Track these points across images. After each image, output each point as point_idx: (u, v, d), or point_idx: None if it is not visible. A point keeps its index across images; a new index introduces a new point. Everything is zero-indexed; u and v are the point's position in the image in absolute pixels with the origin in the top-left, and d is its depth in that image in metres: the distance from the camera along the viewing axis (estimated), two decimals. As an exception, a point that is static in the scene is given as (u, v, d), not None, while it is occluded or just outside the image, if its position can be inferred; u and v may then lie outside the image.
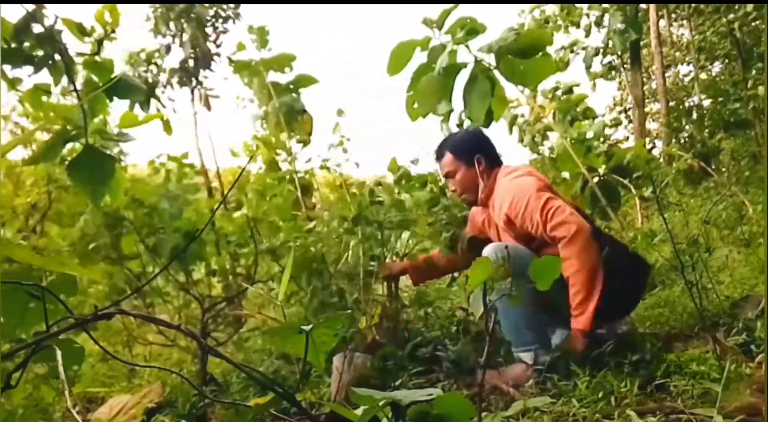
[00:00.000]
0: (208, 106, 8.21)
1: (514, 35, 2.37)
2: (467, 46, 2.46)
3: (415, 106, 2.59)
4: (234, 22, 8.29)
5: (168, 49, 7.94)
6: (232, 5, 8.22)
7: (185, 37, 7.78)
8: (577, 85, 5.50)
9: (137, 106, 1.95)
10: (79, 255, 2.81)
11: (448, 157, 2.38)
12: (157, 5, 7.79)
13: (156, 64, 7.79)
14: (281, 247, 2.64)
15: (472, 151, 2.34)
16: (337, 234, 2.59)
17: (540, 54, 2.41)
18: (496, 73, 2.47)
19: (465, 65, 2.50)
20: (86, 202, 2.85)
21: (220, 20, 8.18)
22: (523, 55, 2.41)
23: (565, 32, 10.50)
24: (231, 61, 5.33)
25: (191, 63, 8.00)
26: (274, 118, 4.61)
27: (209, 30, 8.10)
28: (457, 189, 2.40)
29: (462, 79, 2.53)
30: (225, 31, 8.34)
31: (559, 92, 5.42)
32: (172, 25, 7.83)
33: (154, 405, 2.21)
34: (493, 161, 2.36)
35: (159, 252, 2.68)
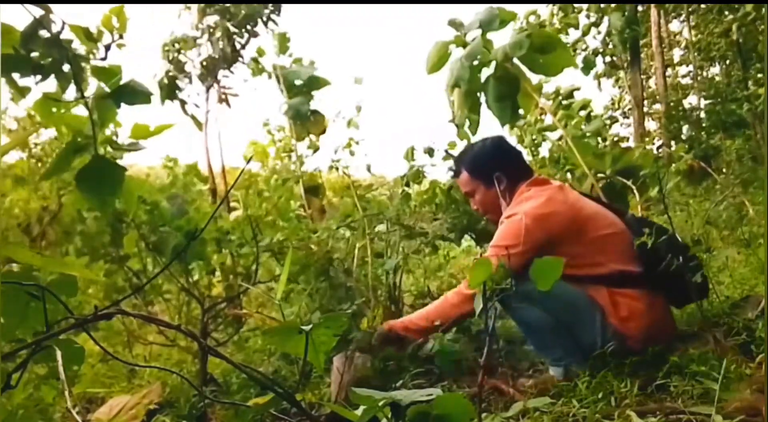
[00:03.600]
0: (227, 104, 8.12)
1: (526, 38, 2.37)
2: (487, 48, 2.46)
3: (451, 98, 2.61)
4: (266, 26, 8.18)
5: (194, 41, 7.86)
6: (267, 9, 8.14)
7: (217, 34, 7.71)
8: (578, 89, 5.49)
9: (157, 100, 1.94)
10: (81, 255, 2.82)
11: (465, 176, 2.17)
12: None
13: (187, 57, 7.71)
14: (281, 247, 2.64)
15: (491, 169, 2.10)
16: (343, 235, 2.60)
17: (557, 48, 2.41)
18: (518, 67, 2.48)
19: (490, 62, 2.49)
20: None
21: (258, 23, 8.09)
22: (540, 51, 2.41)
23: (564, 34, 10.50)
24: (256, 62, 5.35)
25: (215, 61, 7.93)
26: (289, 120, 4.64)
27: (240, 31, 8.03)
28: (479, 208, 2.21)
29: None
30: (256, 35, 8.25)
31: (560, 98, 5.42)
32: (205, 20, 7.76)
33: (154, 406, 2.20)
34: (516, 176, 2.09)
35: (160, 251, 2.68)
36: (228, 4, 7.64)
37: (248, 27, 8.00)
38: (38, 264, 0.93)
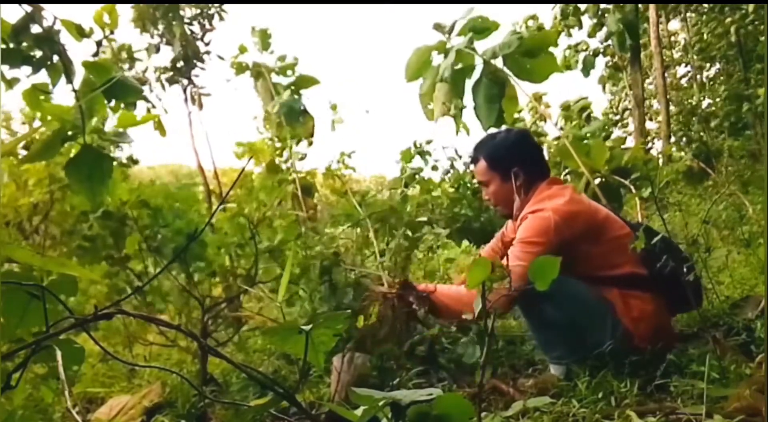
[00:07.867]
0: (200, 105, 8.19)
1: (517, 40, 2.36)
2: (474, 49, 2.45)
3: (430, 106, 2.59)
4: (221, 19, 8.27)
5: (157, 48, 7.91)
6: (216, 4, 8.19)
7: (171, 35, 7.77)
8: (588, 105, 5.53)
9: (123, 106, 1.93)
10: (82, 255, 2.82)
11: (482, 164, 2.10)
12: (141, 5, 7.75)
13: (139, 60, 7.76)
14: (281, 247, 2.64)
15: (510, 162, 2.04)
16: (346, 234, 2.61)
17: (544, 53, 2.40)
18: (505, 71, 2.46)
19: (474, 67, 2.47)
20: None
21: (206, 19, 8.15)
22: (529, 55, 2.39)
23: (567, 35, 10.52)
24: (234, 62, 5.32)
25: (181, 62, 7.97)
26: (276, 118, 4.62)
27: (196, 28, 8.08)
28: (491, 199, 2.15)
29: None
30: (212, 29, 8.31)
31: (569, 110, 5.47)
32: (158, 24, 7.81)
33: (154, 406, 2.20)
34: (535, 174, 2.04)
35: (161, 252, 2.68)
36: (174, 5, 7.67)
37: (203, 23, 8.03)
38: (38, 264, 0.93)
